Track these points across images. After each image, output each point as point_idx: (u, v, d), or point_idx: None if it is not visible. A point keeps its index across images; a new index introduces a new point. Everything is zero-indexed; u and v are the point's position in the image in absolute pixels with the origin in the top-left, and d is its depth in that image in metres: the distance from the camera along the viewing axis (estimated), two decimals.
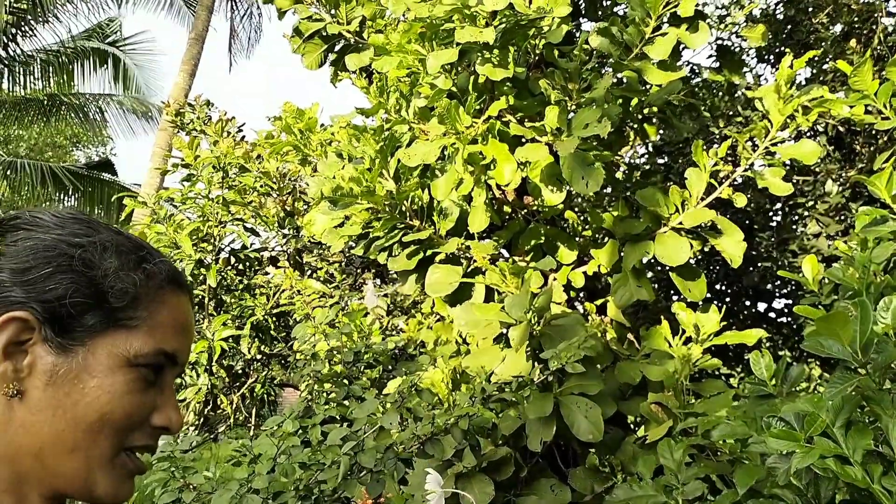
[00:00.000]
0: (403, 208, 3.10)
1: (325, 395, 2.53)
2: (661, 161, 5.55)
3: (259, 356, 5.14)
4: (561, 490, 2.64)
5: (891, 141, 4.76)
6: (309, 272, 5.16)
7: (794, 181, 5.02)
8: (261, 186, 5.21)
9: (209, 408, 4.90)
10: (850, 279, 1.80)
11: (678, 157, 5.28)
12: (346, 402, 2.45)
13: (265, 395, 5.31)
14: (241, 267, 5.15)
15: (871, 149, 5.05)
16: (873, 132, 5.00)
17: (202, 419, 4.85)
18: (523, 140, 2.97)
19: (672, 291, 5.01)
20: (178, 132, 6.15)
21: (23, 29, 12.04)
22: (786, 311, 5.47)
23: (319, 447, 2.07)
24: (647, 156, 5.76)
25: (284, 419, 2.30)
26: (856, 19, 5.24)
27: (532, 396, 2.39)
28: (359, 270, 5.79)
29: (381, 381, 3.04)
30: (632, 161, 5.57)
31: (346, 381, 2.61)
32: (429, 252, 3.13)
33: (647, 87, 3.25)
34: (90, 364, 0.69)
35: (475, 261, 3.11)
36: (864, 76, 2.06)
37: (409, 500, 1.92)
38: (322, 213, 3.23)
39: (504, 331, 2.89)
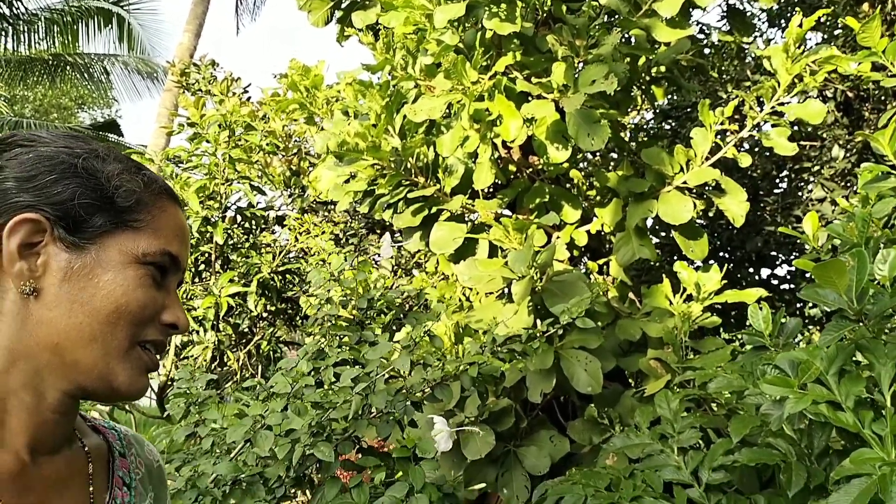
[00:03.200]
0: (409, 165, 3.11)
1: (338, 338, 2.58)
2: (667, 126, 5.53)
3: (265, 314, 5.20)
4: (560, 441, 2.69)
5: None
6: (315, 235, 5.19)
7: (801, 146, 4.99)
8: (267, 145, 5.21)
9: (216, 363, 4.98)
10: (850, 234, 1.81)
11: (686, 121, 5.26)
12: (357, 347, 2.50)
13: (271, 353, 5.38)
14: (247, 225, 5.19)
15: (879, 115, 5.01)
16: (882, 98, 4.96)
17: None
18: (530, 97, 2.97)
19: (675, 255, 5.03)
20: (184, 92, 6.13)
21: None
22: (788, 277, 5.50)
23: (332, 387, 2.13)
24: (654, 120, 5.74)
25: (298, 360, 2.35)
26: None
27: (539, 348, 2.43)
28: (364, 231, 5.82)
29: (393, 327, 3.09)
30: (639, 124, 5.55)
31: (359, 326, 2.66)
32: (434, 209, 3.15)
33: (656, 46, 3.23)
34: (102, 260, 0.72)
35: (479, 219, 3.13)
36: (873, 32, 2.05)
37: (417, 442, 1.98)
38: (328, 169, 3.24)
39: (506, 287, 2.92)
